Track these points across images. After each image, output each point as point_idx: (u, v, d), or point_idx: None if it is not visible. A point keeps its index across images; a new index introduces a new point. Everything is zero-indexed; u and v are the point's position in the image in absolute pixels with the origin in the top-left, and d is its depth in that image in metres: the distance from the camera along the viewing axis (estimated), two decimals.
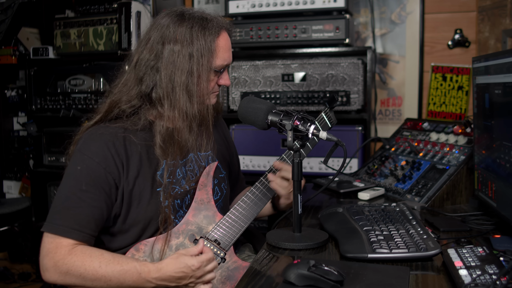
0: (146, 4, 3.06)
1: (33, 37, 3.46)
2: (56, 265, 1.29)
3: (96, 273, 1.28)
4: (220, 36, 1.43)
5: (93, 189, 1.35)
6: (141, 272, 1.29)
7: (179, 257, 1.30)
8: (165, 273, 1.29)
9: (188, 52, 1.37)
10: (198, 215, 1.47)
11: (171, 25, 1.39)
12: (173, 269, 1.29)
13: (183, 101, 1.38)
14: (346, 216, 1.50)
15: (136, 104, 1.41)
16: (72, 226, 1.31)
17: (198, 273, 1.30)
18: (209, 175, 1.51)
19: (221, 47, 1.43)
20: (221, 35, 1.43)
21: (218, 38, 1.42)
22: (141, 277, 1.29)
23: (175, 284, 1.31)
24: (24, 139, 3.50)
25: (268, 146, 2.62)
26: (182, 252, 1.32)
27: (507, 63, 1.34)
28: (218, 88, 1.50)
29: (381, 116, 2.87)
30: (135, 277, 1.29)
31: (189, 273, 1.29)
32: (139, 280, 1.29)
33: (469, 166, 1.77)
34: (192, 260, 1.29)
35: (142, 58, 1.40)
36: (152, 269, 1.29)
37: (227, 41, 1.45)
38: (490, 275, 1.04)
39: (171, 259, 1.31)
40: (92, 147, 1.37)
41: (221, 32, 1.43)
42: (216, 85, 1.48)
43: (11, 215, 3.31)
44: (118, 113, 1.42)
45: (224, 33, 1.45)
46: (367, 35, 2.86)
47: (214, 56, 1.41)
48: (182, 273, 1.29)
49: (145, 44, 1.41)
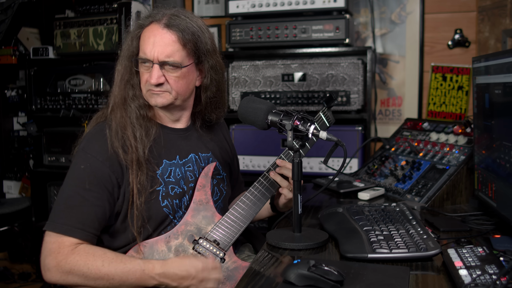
0: (146, 4, 3.06)
1: (33, 37, 3.46)
2: (58, 264, 1.29)
3: (98, 271, 1.28)
4: (146, 28, 1.41)
5: (97, 188, 1.35)
6: (144, 269, 1.29)
7: (185, 257, 1.32)
8: (169, 269, 1.29)
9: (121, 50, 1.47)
10: (197, 215, 1.47)
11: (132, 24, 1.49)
12: (178, 267, 1.29)
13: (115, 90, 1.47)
14: (346, 216, 1.50)
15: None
16: (75, 225, 1.31)
17: (201, 275, 1.30)
18: (208, 176, 1.51)
19: (143, 39, 1.41)
20: (149, 27, 1.40)
21: (143, 30, 1.41)
22: (144, 274, 1.29)
23: (177, 284, 1.31)
24: (24, 139, 3.50)
25: (268, 146, 2.62)
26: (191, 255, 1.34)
27: (507, 63, 1.34)
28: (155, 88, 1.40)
29: (381, 116, 2.87)
30: (139, 274, 1.29)
31: (193, 273, 1.29)
32: (143, 277, 1.29)
33: (469, 166, 1.77)
34: (198, 262, 1.30)
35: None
36: (156, 265, 1.30)
37: (151, 32, 1.39)
38: (490, 275, 1.04)
39: (177, 257, 1.32)
40: (96, 146, 1.38)
41: (151, 24, 1.40)
42: (148, 83, 1.41)
43: (11, 215, 3.30)
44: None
45: (156, 25, 1.39)
46: (367, 35, 2.85)
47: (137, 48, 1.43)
48: (186, 272, 1.29)
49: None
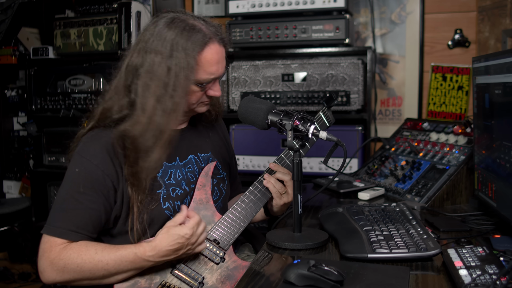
0: (146, 4, 3.06)
1: (33, 37, 3.46)
2: (52, 263, 1.30)
3: (92, 259, 1.29)
4: (205, 50, 1.35)
5: (91, 191, 1.35)
6: (136, 252, 1.30)
7: (169, 230, 1.30)
8: (161, 249, 1.29)
9: (167, 65, 1.33)
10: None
11: (156, 33, 1.35)
12: (167, 243, 1.29)
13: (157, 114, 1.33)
14: (346, 216, 1.50)
15: (126, 113, 1.39)
16: (69, 228, 1.32)
17: (193, 239, 1.31)
18: (208, 175, 1.51)
19: (207, 61, 1.37)
20: (207, 48, 1.36)
21: (202, 51, 1.35)
22: (137, 257, 1.30)
23: (174, 256, 1.32)
24: (24, 139, 3.50)
25: (268, 146, 2.62)
26: (171, 224, 1.32)
27: (507, 63, 1.34)
28: (208, 99, 1.46)
29: (381, 116, 2.87)
30: (132, 257, 1.30)
31: (184, 242, 1.30)
32: (137, 260, 1.30)
33: (469, 166, 1.77)
34: (184, 229, 1.29)
35: (130, 64, 1.39)
36: (146, 247, 1.30)
37: (214, 54, 1.37)
38: (490, 275, 1.04)
39: (163, 234, 1.31)
40: (90, 150, 1.37)
41: (208, 45, 1.36)
42: (204, 96, 1.44)
43: (11, 215, 3.31)
44: (111, 121, 1.40)
45: (213, 44, 1.37)
46: (367, 35, 2.86)
47: (196, 71, 1.35)
48: (178, 244, 1.29)
49: (134, 48, 1.40)
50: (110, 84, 1.48)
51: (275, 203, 1.56)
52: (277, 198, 1.54)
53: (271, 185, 1.52)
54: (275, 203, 1.56)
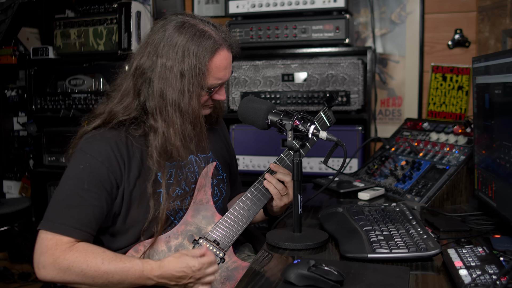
0: (146, 4, 3.06)
1: (33, 37, 3.46)
2: (55, 261, 1.27)
3: (98, 269, 1.28)
4: (215, 56, 1.38)
5: (95, 188, 1.34)
6: (143, 270, 1.29)
7: (181, 256, 1.31)
8: (167, 271, 1.29)
9: (180, 71, 1.35)
10: (197, 215, 1.47)
11: (166, 37, 1.36)
12: (174, 268, 1.29)
13: (178, 121, 1.37)
14: (346, 216, 1.50)
15: (135, 115, 1.41)
16: (73, 225, 1.31)
17: (198, 274, 1.31)
18: (208, 176, 1.51)
19: (216, 67, 1.39)
20: (218, 54, 1.39)
21: (213, 57, 1.38)
22: (143, 275, 1.29)
23: (174, 283, 1.31)
24: (24, 139, 3.50)
25: (268, 146, 2.62)
26: (185, 252, 1.32)
27: (507, 63, 1.34)
28: (212, 102, 1.49)
29: (381, 116, 2.87)
30: (138, 274, 1.29)
31: (189, 273, 1.29)
32: (141, 277, 1.29)
33: (469, 166, 1.77)
34: (194, 261, 1.30)
35: (140, 66, 1.39)
36: (154, 266, 1.30)
37: (224, 60, 1.41)
38: (490, 275, 1.04)
39: (174, 257, 1.31)
40: (95, 147, 1.38)
41: (218, 51, 1.39)
42: (209, 100, 1.46)
43: (11, 215, 3.31)
44: (117, 122, 1.41)
45: (223, 50, 1.40)
46: (367, 35, 2.85)
47: (207, 76, 1.38)
48: (183, 272, 1.29)
49: (143, 51, 1.40)
50: (114, 84, 1.48)
51: (275, 204, 1.56)
52: (277, 200, 1.55)
53: (272, 187, 1.53)
54: (275, 204, 1.56)
